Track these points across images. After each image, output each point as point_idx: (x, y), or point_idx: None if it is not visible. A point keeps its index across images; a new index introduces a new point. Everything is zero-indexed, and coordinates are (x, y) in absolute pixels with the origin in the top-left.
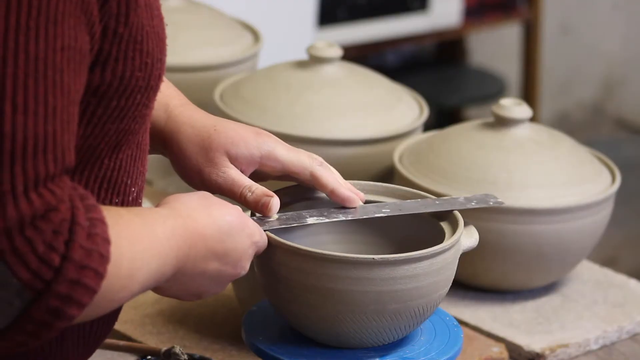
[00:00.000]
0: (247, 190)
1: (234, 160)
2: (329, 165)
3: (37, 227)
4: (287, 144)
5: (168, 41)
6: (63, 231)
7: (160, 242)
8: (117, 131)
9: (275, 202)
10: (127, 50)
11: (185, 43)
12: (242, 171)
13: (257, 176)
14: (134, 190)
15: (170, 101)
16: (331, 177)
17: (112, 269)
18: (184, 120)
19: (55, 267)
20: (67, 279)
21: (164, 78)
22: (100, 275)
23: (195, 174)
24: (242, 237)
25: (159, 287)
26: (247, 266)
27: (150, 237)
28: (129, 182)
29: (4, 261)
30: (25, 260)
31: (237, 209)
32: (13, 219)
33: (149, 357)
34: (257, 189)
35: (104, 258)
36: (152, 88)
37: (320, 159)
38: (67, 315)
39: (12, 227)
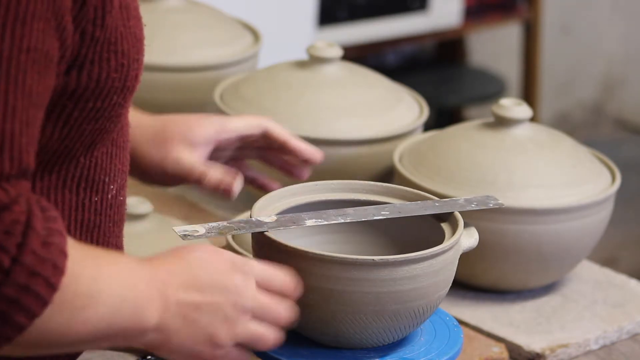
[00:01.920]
0: (204, 175)
1: (193, 145)
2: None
3: None
4: (235, 117)
5: (168, 42)
6: (16, 233)
7: (128, 269)
8: (93, 131)
9: (236, 186)
10: (102, 52)
11: (185, 43)
12: (202, 154)
13: (217, 153)
14: (112, 188)
15: None
16: (284, 130)
17: (69, 284)
18: (133, 124)
19: (4, 268)
20: (16, 282)
21: None
22: (52, 286)
23: (155, 171)
24: (217, 264)
25: (167, 344)
26: (246, 292)
27: (118, 266)
28: (106, 179)
29: None
30: None
31: (211, 248)
32: None
33: (149, 357)
34: (213, 173)
35: (58, 269)
36: (128, 89)
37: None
38: (14, 322)
39: None
